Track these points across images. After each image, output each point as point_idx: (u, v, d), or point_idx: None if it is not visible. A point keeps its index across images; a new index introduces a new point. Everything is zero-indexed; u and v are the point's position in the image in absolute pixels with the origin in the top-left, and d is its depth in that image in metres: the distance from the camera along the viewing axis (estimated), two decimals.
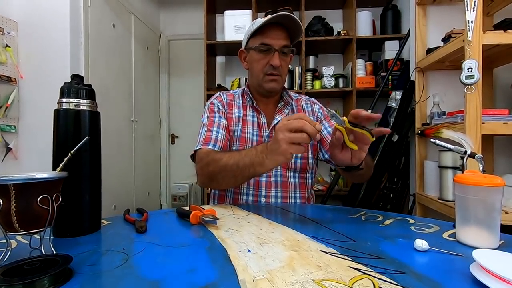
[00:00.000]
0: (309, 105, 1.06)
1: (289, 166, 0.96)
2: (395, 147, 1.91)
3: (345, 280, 0.38)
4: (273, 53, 0.91)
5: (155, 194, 3.25)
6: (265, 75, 0.94)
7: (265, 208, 0.83)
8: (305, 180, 0.99)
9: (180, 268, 0.43)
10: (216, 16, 2.78)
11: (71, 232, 0.57)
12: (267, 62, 0.92)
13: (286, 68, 0.97)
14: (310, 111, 1.05)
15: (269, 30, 0.91)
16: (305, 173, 0.99)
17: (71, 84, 0.59)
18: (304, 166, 0.98)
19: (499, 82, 1.58)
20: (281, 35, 0.92)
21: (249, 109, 1.01)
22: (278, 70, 0.93)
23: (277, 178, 0.95)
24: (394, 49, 2.26)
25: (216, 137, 0.92)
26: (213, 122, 0.96)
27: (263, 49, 0.92)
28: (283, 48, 0.92)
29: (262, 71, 0.94)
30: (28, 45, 1.83)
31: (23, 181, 0.43)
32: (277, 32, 0.91)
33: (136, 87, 2.75)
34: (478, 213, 0.51)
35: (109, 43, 2.32)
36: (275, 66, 0.91)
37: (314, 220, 0.68)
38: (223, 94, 1.05)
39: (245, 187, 0.94)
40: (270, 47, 0.91)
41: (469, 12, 1.17)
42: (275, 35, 0.91)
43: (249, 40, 0.97)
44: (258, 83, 0.97)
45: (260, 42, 0.92)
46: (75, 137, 0.57)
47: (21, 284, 0.35)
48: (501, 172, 1.48)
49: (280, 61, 0.92)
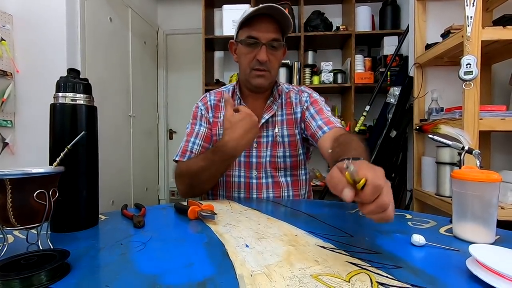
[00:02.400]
0: (297, 96, 0.99)
1: (279, 166, 0.94)
2: (393, 143, 1.92)
3: (342, 274, 0.39)
4: (260, 47, 0.85)
5: (153, 189, 3.25)
6: (252, 70, 0.89)
7: (263, 204, 0.83)
8: (298, 178, 0.97)
9: (178, 263, 0.43)
10: (215, 10, 2.76)
11: (69, 227, 0.57)
12: (254, 56, 0.87)
13: (276, 63, 0.91)
14: (298, 102, 0.98)
15: (257, 22, 0.85)
16: (297, 170, 0.97)
17: (68, 78, 0.58)
18: (295, 164, 0.95)
19: (497, 78, 1.58)
20: (270, 27, 0.86)
21: None
22: (266, 66, 0.87)
23: (267, 179, 0.94)
24: (393, 45, 2.26)
25: (192, 149, 0.92)
26: (193, 131, 0.94)
27: (249, 42, 0.86)
28: (272, 41, 0.86)
29: (248, 66, 0.89)
30: (23, 39, 1.80)
31: (19, 176, 0.43)
32: (266, 24, 0.85)
33: (134, 82, 2.73)
34: (475, 209, 0.51)
35: (106, 37, 2.30)
36: (262, 61, 0.86)
37: (312, 215, 0.68)
38: (210, 94, 1.01)
39: (236, 190, 0.94)
40: (257, 40, 0.85)
41: (468, 7, 1.17)
42: (263, 28, 0.85)
43: (239, 32, 0.91)
44: (246, 78, 0.92)
45: (247, 34, 0.86)
46: (71, 132, 0.56)
47: (18, 279, 0.35)
48: (498, 168, 1.49)
49: (268, 56, 0.86)
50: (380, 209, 0.40)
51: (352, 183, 0.40)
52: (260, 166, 0.94)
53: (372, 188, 0.39)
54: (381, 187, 0.39)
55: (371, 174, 0.39)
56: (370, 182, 0.39)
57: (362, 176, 0.39)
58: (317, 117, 0.91)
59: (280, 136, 0.94)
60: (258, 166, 0.94)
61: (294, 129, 0.95)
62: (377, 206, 0.39)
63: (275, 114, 0.96)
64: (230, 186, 0.94)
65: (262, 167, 0.94)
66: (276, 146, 0.94)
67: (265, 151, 0.94)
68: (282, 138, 0.94)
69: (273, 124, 0.95)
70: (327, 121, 0.89)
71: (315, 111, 0.93)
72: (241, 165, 0.94)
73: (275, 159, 0.94)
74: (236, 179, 0.94)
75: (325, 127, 0.87)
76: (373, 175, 0.39)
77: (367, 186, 0.39)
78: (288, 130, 0.95)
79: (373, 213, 0.40)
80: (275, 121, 0.95)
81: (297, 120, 0.96)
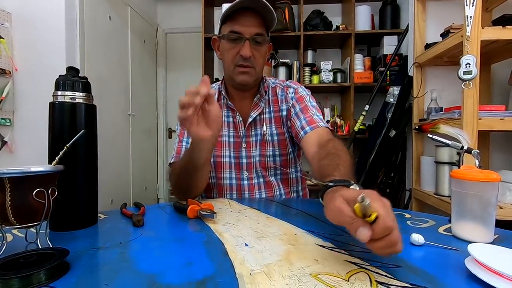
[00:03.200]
0: (283, 92, 0.95)
1: (268, 165, 0.92)
2: (392, 142, 1.92)
3: (341, 273, 0.39)
4: (243, 42, 0.82)
5: (152, 188, 3.25)
6: (236, 67, 0.85)
7: (262, 203, 0.83)
8: (289, 176, 0.96)
9: (177, 262, 0.43)
10: (214, 9, 2.75)
11: (68, 226, 0.57)
12: (237, 52, 0.83)
13: (261, 58, 0.87)
14: (284, 98, 0.94)
15: (240, 16, 0.81)
16: (287, 169, 0.95)
17: (67, 77, 0.58)
18: (285, 164, 0.94)
19: (496, 78, 1.59)
20: (253, 21, 0.82)
21: (224, 108, 0.94)
22: (250, 62, 0.83)
23: (259, 179, 0.93)
24: (393, 44, 2.26)
25: (186, 149, 0.88)
26: (184, 131, 0.92)
27: (232, 37, 0.82)
28: (256, 36, 0.82)
29: (232, 62, 0.85)
30: (22, 37, 1.80)
31: (18, 175, 0.43)
32: (249, 18, 0.81)
33: (133, 80, 2.72)
34: (474, 208, 0.51)
35: (105, 36, 2.29)
36: (245, 57, 0.82)
37: (311, 215, 0.68)
38: None
39: (228, 192, 0.92)
40: (240, 35, 0.81)
41: (468, 7, 1.17)
42: (247, 22, 0.81)
43: (222, 27, 0.87)
44: (229, 75, 0.88)
45: (230, 29, 0.82)
46: (71, 130, 0.56)
47: (17, 277, 0.35)
48: (497, 168, 1.49)
49: (252, 51, 0.82)
50: (390, 246, 0.37)
51: (361, 216, 0.37)
52: (251, 166, 0.92)
53: (384, 229, 0.36)
54: (393, 228, 0.36)
55: (383, 211, 0.36)
56: (382, 221, 0.36)
57: (373, 210, 0.36)
58: (301, 116, 0.88)
59: (269, 135, 0.92)
60: (249, 167, 0.92)
61: (282, 127, 0.93)
62: (387, 243, 0.37)
63: (263, 112, 0.93)
64: (222, 189, 0.93)
65: (253, 167, 0.92)
66: (265, 144, 0.92)
67: (254, 150, 0.92)
68: (271, 137, 0.92)
69: (261, 122, 0.93)
70: (310, 120, 0.85)
71: (299, 109, 0.90)
72: (232, 167, 0.92)
73: (264, 158, 0.92)
74: (228, 181, 0.92)
75: (307, 127, 0.84)
76: (385, 212, 0.36)
77: (378, 224, 0.36)
78: (276, 128, 0.93)
79: (381, 249, 0.37)
80: (263, 118, 0.93)
81: (284, 118, 0.93)
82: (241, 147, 0.92)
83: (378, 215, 0.36)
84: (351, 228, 0.38)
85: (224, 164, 0.92)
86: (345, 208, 0.39)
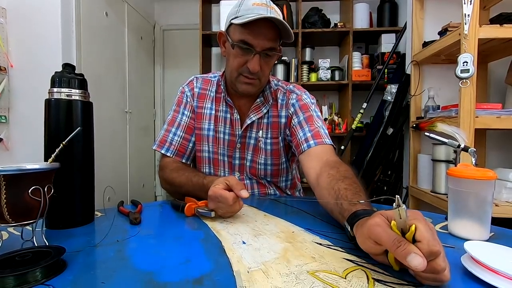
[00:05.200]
0: (285, 97, 0.90)
1: (259, 173, 0.91)
2: (390, 140, 1.93)
3: (339, 271, 0.39)
4: (252, 56, 0.76)
5: (149, 186, 3.24)
6: (240, 75, 0.80)
7: (260, 201, 0.83)
8: (279, 184, 0.95)
9: (175, 259, 0.43)
10: (212, 6, 2.73)
11: (64, 224, 0.56)
12: (244, 62, 0.78)
13: (268, 70, 0.82)
14: (284, 104, 0.89)
15: (254, 26, 0.74)
16: (278, 178, 0.94)
17: (63, 73, 0.57)
18: (276, 173, 0.92)
19: (493, 77, 1.59)
20: (268, 34, 0.76)
21: (222, 103, 0.90)
22: (256, 75, 0.79)
23: (251, 180, 0.93)
24: (391, 42, 2.26)
25: (172, 141, 0.89)
26: (175, 120, 0.91)
27: (242, 47, 0.76)
28: (267, 50, 0.77)
29: (237, 70, 0.80)
30: (18, 33, 1.78)
31: (14, 172, 0.43)
32: (264, 30, 0.75)
33: (130, 77, 2.70)
34: (470, 206, 0.51)
35: (102, 32, 2.27)
36: (253, 72, 0.77)
37: (309, 213, 0.68)
38: (197, 80, 0.95)
39: None
40: (251, 48, 0.76)
41: (466, 5, 1.17)
42: (260, 34, 0.75)
43: (231, 26, 0.79)
44: (232, 80, 0.84)
45: (242, 38, 0.76)
46: (67, 128, 0.55)
47: (13, 276, 0.35)
48: (493, 166, 1.50)
49: (260, 65, 0.78)
50: (434, 272, 0.34)
51: (400, 233, 0.36)
52: (243, 168, 0.91)
53: (429, 253, 0.33)
54: (439, 253, 0.33)
55: (429, 234, 0.34)
56: (427, 244, 0.33)
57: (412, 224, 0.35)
58: (305, 127, 0.83)
59: (263, 143, 0.89)
60: (241, 168, 0.91)
61: (278, 136, 0.90)
62: (430, 269, 0.33)
63: (263, 117, 0.89)
64: None
65: (245, 169, 0.91)
66: (258, 151, 0.90)
67: (247, 154, 0.91)
68: (265, 146, 0.89)
69: (259, 126, 0.89)
70: (316, 134, 0.80)
71: (304, 118, 0.84)
72: (225, 165, 0.92)
73: (255, 165, 0.90)
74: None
75: (312, 140, 0.79)
76: (431, 236, 0.34)
77: (423, 247, 0.33)
78: (272, 137, 0.89)
79: (425, 277, 0.35)
80: (261, 123, 0.89)
81: (282, 126, 0.89)
82: (235, 147, 0.90)
83: (422, 238, 0.34)
84: (397, 252, 0.34)
85: (220, 161, 0.92)
86: (388, 227, 0.36)
